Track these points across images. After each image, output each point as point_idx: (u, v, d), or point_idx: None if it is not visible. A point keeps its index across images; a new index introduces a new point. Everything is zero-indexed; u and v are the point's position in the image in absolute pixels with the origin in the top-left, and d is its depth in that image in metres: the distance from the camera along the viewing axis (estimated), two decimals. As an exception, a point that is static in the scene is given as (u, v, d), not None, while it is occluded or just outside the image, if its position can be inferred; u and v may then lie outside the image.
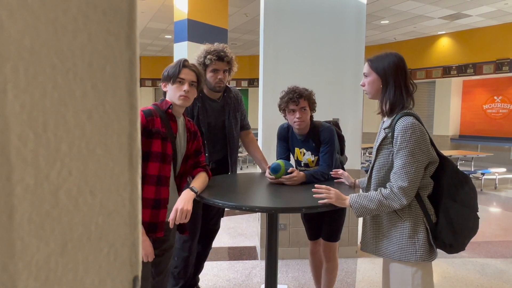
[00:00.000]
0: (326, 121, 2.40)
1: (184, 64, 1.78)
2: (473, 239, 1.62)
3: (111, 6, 0.31)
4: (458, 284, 3.11)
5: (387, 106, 1.62)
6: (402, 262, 1.59)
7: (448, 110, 10.94)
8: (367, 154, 9.31)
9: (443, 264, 3.54)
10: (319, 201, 1.70)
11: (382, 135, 1.63)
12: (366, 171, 8.25)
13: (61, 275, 0.29)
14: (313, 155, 2.29)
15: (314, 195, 1.73)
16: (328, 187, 1.74)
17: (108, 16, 0.31)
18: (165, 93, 1.82)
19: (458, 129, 11.25)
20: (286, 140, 2.40)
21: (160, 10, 8.34)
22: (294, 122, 2.21)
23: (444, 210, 1.55)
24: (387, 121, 1.65)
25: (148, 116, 1.67)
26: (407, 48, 11.71)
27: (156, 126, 1.67)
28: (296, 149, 2.36)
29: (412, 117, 1.55)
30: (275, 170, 2.09)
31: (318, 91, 3.56)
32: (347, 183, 2.06)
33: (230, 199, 1.77)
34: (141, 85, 14.28)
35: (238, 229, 4.56)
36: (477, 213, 1.58)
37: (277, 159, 2.26)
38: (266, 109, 3.51)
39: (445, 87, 10.98)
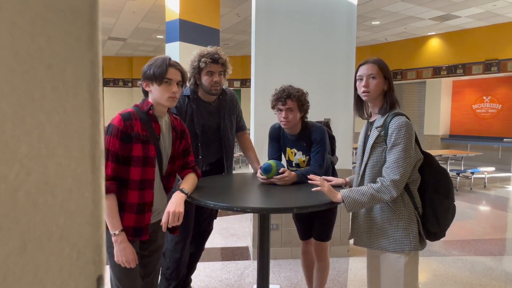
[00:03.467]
0: (317, 122, 2.41)
1: (169, 63, 1.71)
2: (463, 237, 1.71)
3: (71, 8, 0.32)
4: (448, 282, 3.15)
5: (389, 107, 1.72)
6: (396, 253, 1.68)
7: (438, 110, 11.06)
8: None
9: (434, 262, 3.58)
10: (312, 189, 1.78)
11: (375, 134, 1.72)
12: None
13: (20, 276, 0.29)
14: (304, 155, 2.30)
15: (309, 181, 1.86)
16: (323, 178, 1.83)
17: (68, 18, 0.32)
18: (146, 92, 1.75)
19: (448, 129, 11.39)
20: (278, 140, 2.40)
21: (151, 10, 8.30)
22: (281, 121, 2.24)
23: (430, 202, 1.70)
24: (378, 120, 1.73)
25: (126, 120, 1.62)
26: (398, 49, 11.82)
27: (136, 130, 1.62)
28: (288, 149, 2.36)
29: (404, 117, 1.67)
30: (266, 170, 2.10)
31: (309, 92, 3.57)
32: (340, 184, 2.08)
33: (221, 200, 1.77)
34: (132, 86, 14.18)
35: (231, 230, 4.56)
36: (454, 200, 1.76)
37: (268, 159, 2.27)
38: (258, 109, 3.51)
39: (435, 87, 11.10)
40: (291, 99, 2.19)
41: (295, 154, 2.32)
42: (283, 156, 2.42)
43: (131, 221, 1.64)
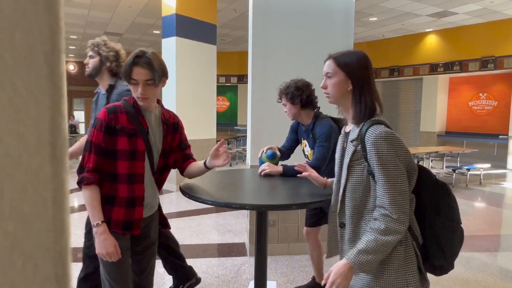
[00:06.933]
0: (333, 118, 2.36)
1: (134, 61, 1.56)
2: None
3: None
4: (443, 278, 3.16)
5: (363, 114, 1.34)
6: None
7: (435, 107, 11.10)
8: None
9: (429, 259, 3.60)
10: (298, 175, 1.82)
11: (350, 149, 1.36)
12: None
13: None
14: (311, 149, 2.35)
15: (295, 167, 1.83)
16: (309, 169, 1.79)
17: None
18: None
19: (445, 125, 11.43)
20: (296, 131, 2.53)
21: (147, 5, 8.23)
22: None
23: (430, 228, 1.33)
24: (353, 131, 1.38)
25: (110, 113, 1.59)
26: (395, 45, 11.82)
27: (121, 123, 1.59)
28: (303, 141, 2.48)
29: (383, 125, 1.29)
30: (273, 156, 2.30)
31: (307, 88, 3.57)
32: (316, 184, 1.79)
33: (220, 196, 1.76)
34: (129, 81, 14.07)
35: (227, 226, 4.56)
36: (461, 224, 1.36)
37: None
38: (255, 105, 3.50)
39: (432, 84, 11.13)
40: (282, 96, 2.35)
41: (306, 145, 2.42)
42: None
43: (121, 215, 1.63)
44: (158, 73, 1.59)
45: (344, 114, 1.47)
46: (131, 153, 1.62)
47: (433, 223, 1.33)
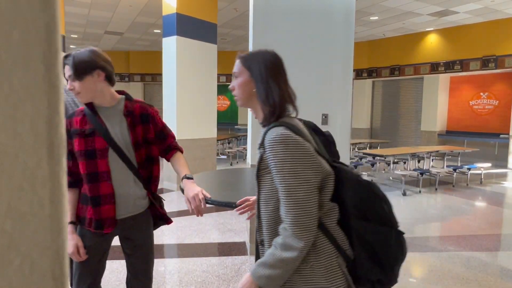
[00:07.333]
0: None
1: (63, 59, 1.59)
2: (459, 233, 1.53)
3: None
4: (444, 277, 3.16)
5: (271, 116, 1.20)
6: None
7: (435, 106, 11.09)
8: (356, 150, 9.40)
9: (430, 258, 3.60)
10: (246, 219, 1.62)
11: (257, 157, 1.21)
12: (355, 166, 8.19)
13: None
14: None
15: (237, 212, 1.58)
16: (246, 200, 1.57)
17: None
18: None
19: (445, 125, 11.42)
20: None
21: (148, 4, 8.23)
22: None
23: (358, 236, 1.15)
24: (260, 136, 1.23)
25: (67, 118, 1.67)
26: (396, 45, 11.81)
27: (75, 126, 1.65)
28: None
29: (282, 127, 1.13)
30: None
31: (307, 87, 3.58)
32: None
33: (221, 196, 1.76)
34: (129, 81, 14.10)
35: (228, 225, 4.56)
36: (399, 230, 1.15)
37: None
38: (256, 104, 3.49)
39: (433, 83, 11.12)
40: None
41: None
42: None
43: (91, 214, 1.66)
44: (79, 67, 1.57)
45: (257, 118, 1.31)
46: (88, 153, 1.63)
47: (361, 230, 1.14)
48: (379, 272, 1.14)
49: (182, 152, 1.86)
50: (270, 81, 1.22)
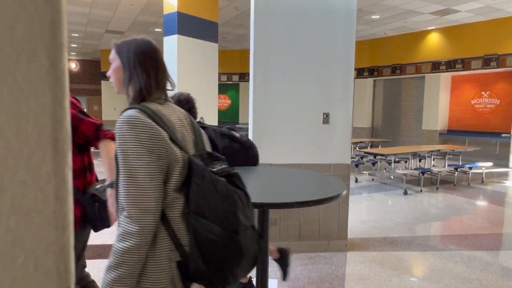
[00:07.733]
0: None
1: None
2: (460, 232, 1.54)
3: None
4: (445, 276, 3.16)
5: (132, 101, 1.20)
6: None
7: (437, 105, 11.07)
8: (357, 149, 9.39)
9: (431, 257, 3.60)
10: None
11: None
12: (356, 165, 8.20)
13: None
14: None
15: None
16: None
17: None
18: None
19: (447, 124, 11.40)
20: None
21: (149, 3, 8.23)
22: None
23: (194, 231, 1.09)
24: None
25: None
26: (397, 44, 11.79)
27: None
28: None
29: (135, 110, 1.11)
30: None
31: (308, 85, 3.57)
32: None
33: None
34: (130, 79, 14.09)
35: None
36: (237, 232, 1.09)
37: None
38: (257, 103, 3.49)
39: (434, 82, 11.10)
40: None
41: None
42: None
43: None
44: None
45: None
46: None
47: (197, 226, 1.08)
48: (206, 270, 1.09)
49: (113, 138, 1.85)
50: (138, 67, 1.21)
